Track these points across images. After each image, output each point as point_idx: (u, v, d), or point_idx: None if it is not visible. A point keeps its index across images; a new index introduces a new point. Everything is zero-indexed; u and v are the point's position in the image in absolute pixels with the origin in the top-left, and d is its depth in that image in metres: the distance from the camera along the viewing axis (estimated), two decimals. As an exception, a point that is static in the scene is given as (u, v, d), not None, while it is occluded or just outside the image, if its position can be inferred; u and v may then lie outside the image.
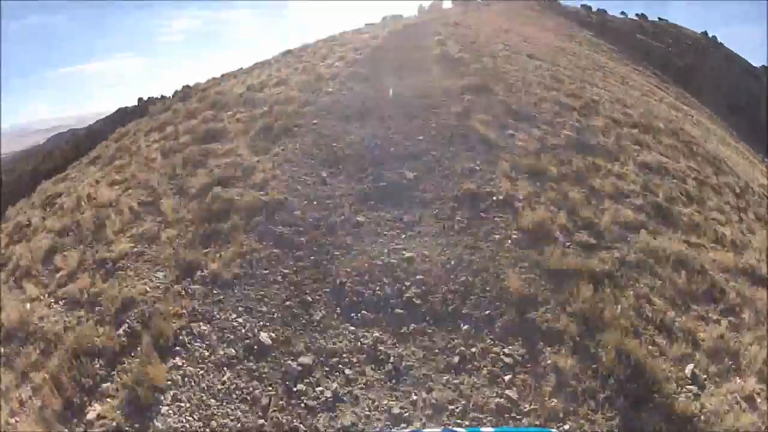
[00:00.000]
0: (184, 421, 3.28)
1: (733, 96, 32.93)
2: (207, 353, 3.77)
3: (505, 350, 3.74)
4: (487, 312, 4.05)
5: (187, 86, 16.27)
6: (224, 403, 3.40)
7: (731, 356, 3.77)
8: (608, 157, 7.11)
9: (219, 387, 3.51)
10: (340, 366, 3.67)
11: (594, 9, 47.35)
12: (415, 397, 3.41)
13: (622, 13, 48.77)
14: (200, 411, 3.35)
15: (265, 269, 4.60)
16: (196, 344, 3.86)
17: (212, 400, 3.42)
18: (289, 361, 3.68)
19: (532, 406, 3.30)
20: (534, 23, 27.19)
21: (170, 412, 3.34)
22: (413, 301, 4.19)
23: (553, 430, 2.97)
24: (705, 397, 3.41)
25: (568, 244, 4.92)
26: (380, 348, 3.80)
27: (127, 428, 3.26)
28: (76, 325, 4.25)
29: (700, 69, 33.45)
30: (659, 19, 50.85)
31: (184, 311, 4.15)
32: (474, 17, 26.18)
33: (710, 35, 43.54)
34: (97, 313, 4.31)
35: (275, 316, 4.10)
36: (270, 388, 3.51)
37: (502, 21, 24.79)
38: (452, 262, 4.57)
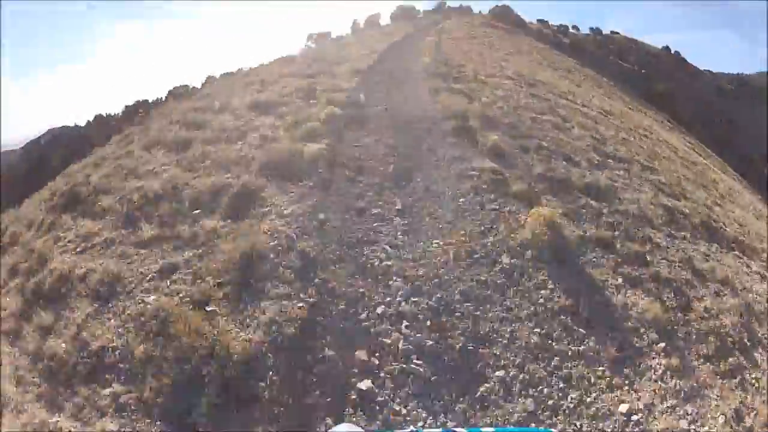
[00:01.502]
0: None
1: (716, 125, 30.70)
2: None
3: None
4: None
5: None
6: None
7: None
8: None
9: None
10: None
11: (550, 23, 44.94)
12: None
13: (574, 27, 46.47)
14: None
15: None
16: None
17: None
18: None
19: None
20: (512, 49, 23.05)
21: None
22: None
23: (553, 430, 2.74)
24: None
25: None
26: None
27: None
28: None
29: (680, 95, 30.99)
30: (612, 32, 49.43)
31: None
32: (439, 39, 21.75)
33: (672, 50, 42.09)
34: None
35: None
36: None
37: (482, 49, 20.32)
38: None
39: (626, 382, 3.42)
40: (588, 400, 3.24)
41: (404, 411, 3.07)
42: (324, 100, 8.97)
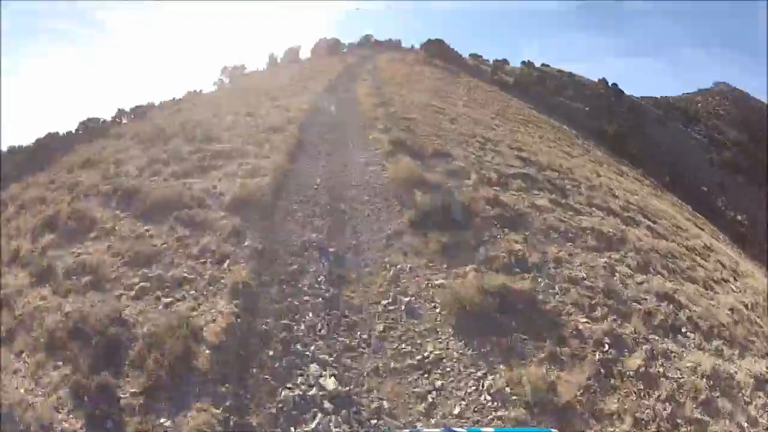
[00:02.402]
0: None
1: (667, 163, 29.69)
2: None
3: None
4: None
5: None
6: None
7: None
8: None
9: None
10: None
11: (484, 58, 43.69)
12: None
13: (504, 61, 45.32)
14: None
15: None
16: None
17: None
18: None
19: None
20: (468, 98, 20.16)
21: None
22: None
23: (553, 429, 2.77)
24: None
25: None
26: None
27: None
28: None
29: (632, 135, 29.84)
30: (542, 65, 49.38)
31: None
32: (381, 82, 18.42)
33: (610, 83, 42.11)
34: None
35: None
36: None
37: (434, 99, 17.08)
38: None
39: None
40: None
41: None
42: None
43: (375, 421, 3.69)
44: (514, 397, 3.91)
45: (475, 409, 3.83)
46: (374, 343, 4.53)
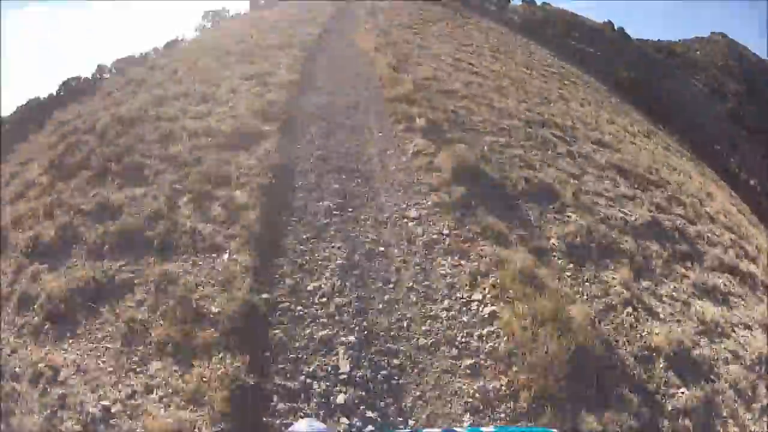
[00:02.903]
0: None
1: (681, 117, 27.19)
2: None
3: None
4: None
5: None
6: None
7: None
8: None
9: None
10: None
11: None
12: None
13: None
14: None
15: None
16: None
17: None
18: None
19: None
20: (486, 46, 16.64)
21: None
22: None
23: (553, 430, 2.56)
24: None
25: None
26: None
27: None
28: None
29: (651, 85, 26.97)
30: (544, 3, 44.84)
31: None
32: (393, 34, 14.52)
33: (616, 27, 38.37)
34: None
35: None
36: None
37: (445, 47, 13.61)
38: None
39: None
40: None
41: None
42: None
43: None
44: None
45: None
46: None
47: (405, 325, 3.84)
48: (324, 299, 4.02)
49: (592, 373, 3.51)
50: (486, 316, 3.91)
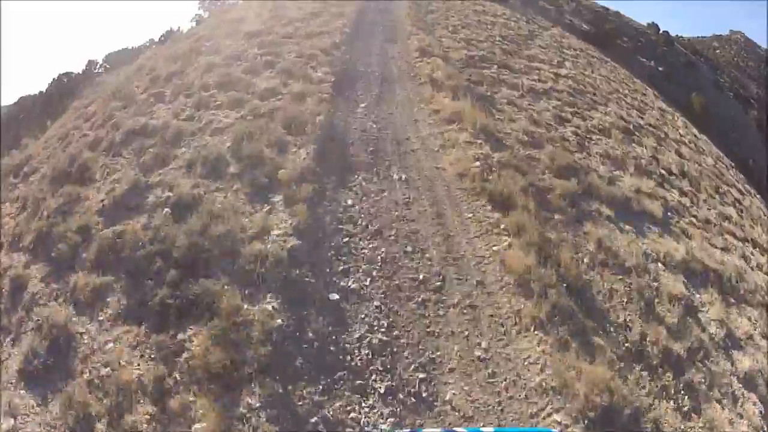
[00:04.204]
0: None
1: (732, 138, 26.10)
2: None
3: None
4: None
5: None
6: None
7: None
8: None
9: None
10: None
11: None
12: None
13: None
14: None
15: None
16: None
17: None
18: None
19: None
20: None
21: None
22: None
23: (553, 430, 2.70)
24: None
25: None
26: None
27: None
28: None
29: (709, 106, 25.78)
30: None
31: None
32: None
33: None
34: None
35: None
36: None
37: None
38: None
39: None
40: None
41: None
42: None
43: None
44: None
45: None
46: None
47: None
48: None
49: None
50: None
